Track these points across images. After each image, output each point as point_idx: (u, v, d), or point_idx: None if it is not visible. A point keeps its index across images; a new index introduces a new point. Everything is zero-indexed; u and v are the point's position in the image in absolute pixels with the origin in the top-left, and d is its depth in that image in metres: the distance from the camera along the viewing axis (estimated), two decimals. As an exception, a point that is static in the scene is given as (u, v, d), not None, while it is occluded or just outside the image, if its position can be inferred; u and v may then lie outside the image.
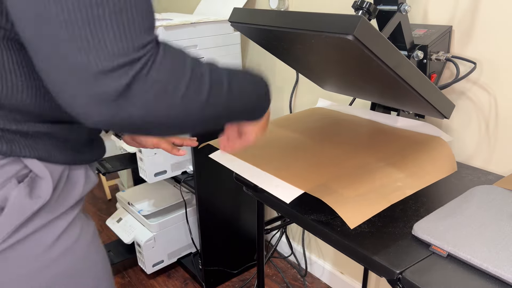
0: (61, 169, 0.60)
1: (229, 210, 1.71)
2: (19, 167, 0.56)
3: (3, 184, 0.55)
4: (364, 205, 0.77)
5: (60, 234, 0.61)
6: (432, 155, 0.92)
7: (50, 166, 0.58)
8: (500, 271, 0.61)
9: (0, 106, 0.54)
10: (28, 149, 0.56)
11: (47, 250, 0.60)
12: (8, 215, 0.55)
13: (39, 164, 0.57)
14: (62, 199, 0.61)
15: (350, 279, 1.65)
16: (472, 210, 0.76)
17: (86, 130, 0.65)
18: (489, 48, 1.02)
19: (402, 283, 0.66)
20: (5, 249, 0.56)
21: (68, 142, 0.61)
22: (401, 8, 0.93)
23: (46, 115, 0.58)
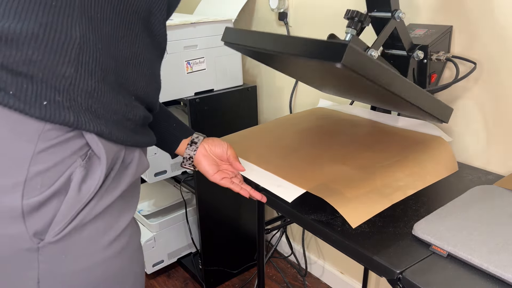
0: (117, 149, 0.59)
1: (229, 210, 1.71)
2: (82, 143, 0.55)
3: (68, 161, 0.54)
4: (365, 205, 0.77)
5: (119, 235, 0.60)
6: (433, 155, 0.92)
7: (107, 145, 0.57)
8: (501, 271, 0.61)
9: (74, 78, 0.53)
10: (92, 123, 0.54)
11: (105, 248, 0.58)
12: (70, 199, 0.54)
13: (98, 142, 0.55)
14: (116, 182, 0.59)
15: (350, 279, 1.65)
16: (472, 210, 0.76)
17: (143, 112, 0.64)
18: (490, 48, 1.02)
19: (402, 283, 0.66)
20: (65, 236, 0.54)
21: (128, 121, 0.61)
22: (395, 16, 0.93)
23: (118, 81, 0.58)
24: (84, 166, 0.55)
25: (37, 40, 0.50)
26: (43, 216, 0.53)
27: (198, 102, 1.49)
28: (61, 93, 0.52)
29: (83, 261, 0.57)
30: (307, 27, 1.51)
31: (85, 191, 0.55)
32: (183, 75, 1.45)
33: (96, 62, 0.54)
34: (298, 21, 1.53)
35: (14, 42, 0.49)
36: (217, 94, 1.54)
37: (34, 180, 0.52)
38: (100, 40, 0.54)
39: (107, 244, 0.58)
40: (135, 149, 0.63)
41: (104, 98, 0.56)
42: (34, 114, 0.51)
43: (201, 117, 1.51)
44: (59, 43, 0.51)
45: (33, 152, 0.51)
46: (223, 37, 0.95)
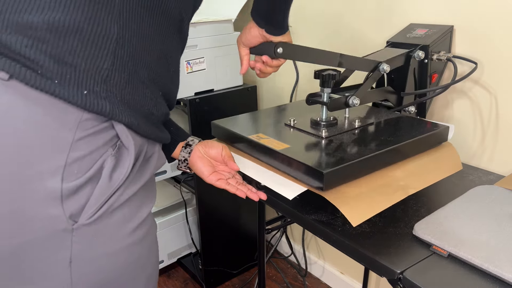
0: (141, 142, 0.63)
1: (229, 210, 1.71)
2: (112, 134, 0.59)
3: (102, 150, 0.58)
4: (366, 204, 0.77)
5: (141, 222, 0.64)
6: (435, 154, 0.92)
7: (134, 138, 0.61)
8: (501, 271, 0.61)
9: (118, 61, 0.58)
10: (125, 114, 0.59)
11: (130, 234, 0.62)
12: (102, 185, 0.58)
13: (127, 134, 0.60)
14: (140, 174, 0.64)
15: (350, 279, 1.65)
16: (473, 210, 0.76)
17: (166, 109, 0.69)
18: (490, 48, 1.01)
19: (403, 283, 0.65)
20: (96, 220, 0.58)
21: (153, 116, 0.65)
22: (379, 68, 0.97)
23: (151, 77, 0.63)
24: (115, 156, 0.59)
25: (82, 32, 0.54)
26: (79, 200, 0.57)
27: (198, 102, 1.48)
28: (99, 84, 0.57)
29: (111, 245, 0.61)
30: (307, 27, 1.51)
31: (115, 179, 0.59)
32: (183, 75, 1.44)
33: (130, 57, 0.59)
34: (298, 21, 1.53)
35: (63, 33, 0.54)
36: (217, 94, 1.54)
37: (72, 166, 0.56)
38: (135, 36, 0.59)
39: (130, 231, 0.63)
40: (155, 144, 0.68)
41: (136, 91, 0.61)
42: (76, 103, 0.54)
43: (201, 117, 1.50)
44: (100, 37, 0.56)
45: (73, 140, 0.56)
46: (212, 132, 1.06)
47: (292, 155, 0.82)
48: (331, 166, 0.76)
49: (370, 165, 0.82)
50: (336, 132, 0.93)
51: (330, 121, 0.97)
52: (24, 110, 0.54)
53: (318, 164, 0.78)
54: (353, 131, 0.94)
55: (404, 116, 1.04)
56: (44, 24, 0.53)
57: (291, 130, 0.97)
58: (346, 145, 0.86)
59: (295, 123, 0.99)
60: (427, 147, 0.92)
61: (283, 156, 0.83)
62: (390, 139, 0.88)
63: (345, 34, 1.38)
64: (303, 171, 0.79)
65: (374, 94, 1.02)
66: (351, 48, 1.37)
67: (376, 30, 1.26)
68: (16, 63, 0.53)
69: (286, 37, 0.85)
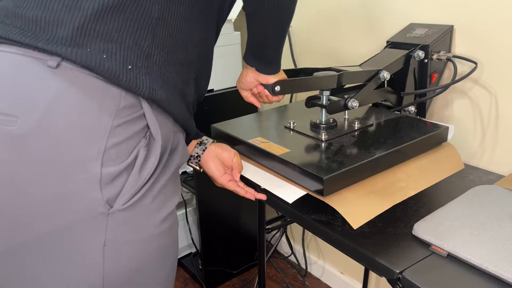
0: (168, 131, 0.66)
1: (229, 210, 1.71)
2: (143, 123, 0.63)
3: (137, 138, 0.62)
4: (366, 206, 0.77)
5: (169, 214, 0.67)
6: (435, 154, 0.92)
7: (162, 126, 0.64)
8: (500, 271, 0.61)
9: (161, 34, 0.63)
10: (161, 90, 0.63)
11: (159, 224, 0.65)
12: (135, 173, 0.61)
13: (155, 122, 0.63)
14: (166, 166, 0.67)
15: (350, 279, 1.65)
16: (472, 210, 0.76)
17: (195, 95, 0.74)
18: (490, 47, 1.01)
19: (402, 283, 0.65)
20: (129, 207, 0.61)
21: (184, 97, 0.69)
22: (379, 75, 0.99)
23: (188, 58, 0.68)
24: (146, 147, 0.63)
25: (126, 11, 0.59)
26: (115, 186, 0.60)
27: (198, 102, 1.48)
28: (141, 59, 0.61)
29: (142, 232, 0.63)
30: (307, 27, 1.51)
31: (146, 169, 0.63)
32: (183, 75, 1.45)
33: (169, 36, 0.63)
34: (298, 21, 1.53)
35: (111, 12, 0.59)
36: (217, 94, 1.54)
37: (110, 151, 0.59)
38: (174, 18, 0.63)
39: (160, 220, 0.65)
40: (180, 134, 0.71)
41: (174, 70, 0.65)
42: (120, 77, 0.59)
43: (201, 117, 1.50)
44: (142, 16, 0.60)
45: (111, 126, 0.59)
46: (212, 135, 1.07)
47: (292, 160, 0.82)
48: (331, 171, 0.77)
49: (370, 169, 0.82)
50: (336, 134, 0.93)
51: (330, 124, 0.97)
52: (71, 96, 0.57)
53: (318, 169, 0.78)
54: (352, 133, 0.94)
55: (404, 116, 1.04)
56: (97, 6, 0.58)
57: (291, 133, 0.97)
58: (346, 148, 0.86)
59: (295, 125, 0.99)
60: (427, 147, 0.93)
61: (283, 161, 0.83)
62: (390, 141, 0.88)
63: (345, 34, 1.38)
64: (303, 176, 0.79)
65: (374, 95, 1.02)
66: (351, 48, 1.37)
67: (376, 30, 1.26)
68: (67, 47, 0.57)
69: (280, 77, 0.85)
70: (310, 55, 1.53)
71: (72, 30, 0.58)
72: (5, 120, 0.57)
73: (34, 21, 0.58)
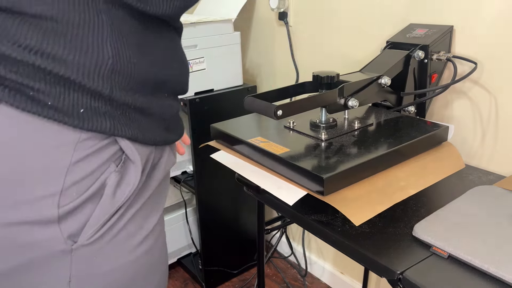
0: (149, 151, 0.59)
1: (229, 210, 1.71)
2: (116, 148, 0.55)
3: (103, 167, 0.55)
4: (367, 205, 0.77)
5: (148, 234, 0.61)
6: (435, 154, 0.92)
7: (140, 149, 0.57)
8: (501, 272, 0.61)
9: (116, 77, 0.53)
10: (127, 128, 0.55)
11: (135, 248, 0.59)
12: (104, 202, 0.55)
13: (131, 147, 0.56)
14: (146, 183, 0.60)
15: (350, 279, 1.65)
16: (473, 211, 0.76)
17: (176, 105, 0.64)
18: (490, 48, 1.01)
19: (403, 284, 0.65)
20: (98, 239, 0.55)
21: (163, 121, 0.61)
22: (380, 82, 0.99)
23: (154, 83, 0.58)
24: (119, 171, 0.56)
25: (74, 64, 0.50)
26: (78, 220, 0.54)
27: (198, 102, 1.48)
28: (97, 99, 0.52)
29: (114, 261, 0.58)
30: (307, 27, 1.50)
31: (119, 196, 0.56)
32: (183, 75, 1.44)
33: (130, 78, 0.54)
34: (298, 21, 1.53)
35: (57, 58, 0.50)
36: (217, 94, 1.53)
37: (70, 190, 0.53)
38: (132, 52, 0.54)
39: (137, 244, 0.59)
40: (165, 146, 0.64)
41: (140, 105, 0.56)
42: (73, 123, 0.51)
43: (201, 117, 1.50)
44: (92, 62, 0.51)
45: (70, 163, 0.52)
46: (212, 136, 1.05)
47: (291, 160, 0.82)
48: (331, 170, 0.76)
49: (370, 168, 0.82)
50: (336, 134, 0.93)
51: (330, 123, 0.96)
52: (16, 135, 0.51)
53: (318, 169, 0.77)
54: (352, 132, 0.94)
55: (404, 116, 1.04)
56: None
57: (291, 132, 0.97)
58: (346, 148, 0.86)
59: (295, 125, 0.99)
60: (427, 147, 0.92)
61: (283, 160, 0.83)
62: (390, 141, 0.88)
63: (345, 34, 1.38)
64: (303, 176, 0.79)
65: (374, 95, 1.02)
66: (351, 48, 1.37)
67: (376, 30, 1.26)
68: (5, 87, 0.49)
69: None
70: (310, 56, 1.53)
71: None
72: None
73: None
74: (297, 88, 0.97)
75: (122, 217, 0.57)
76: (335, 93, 0.91)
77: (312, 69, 1.53)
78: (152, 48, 0.58)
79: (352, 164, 0.79)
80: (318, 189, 0.76)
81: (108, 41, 0.52)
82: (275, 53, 1.67)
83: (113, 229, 0.57)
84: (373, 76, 0.98)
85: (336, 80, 0.93)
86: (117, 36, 0.52)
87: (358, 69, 1.05)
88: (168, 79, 0.61)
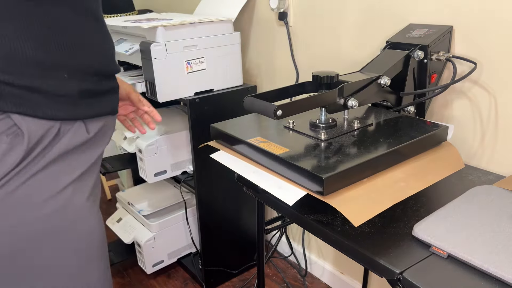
0: (49, 125, 0.65)
1: (229, 210, 1.71)
2: (10, 123, 0.62)
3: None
4: (367, 205, 0.77)
5: (53, 195, 0.67)
6: (435, 154, 0.92)
7: (34, 123, 0.63)
8: (501, 272, 0.61)
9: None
10: (14, 105, 0.62)
11: (36, 206, 0.65)
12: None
13: (22, 122, 0.62)
14: (44, 154, 0.66)
15: (350, 279, 1.65)
16: (472, 211, 0.76)
17: (83, 85, 0.68)
18: (490, 48, 1.01)
19: (403, 284, 0.65)
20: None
21: (60, 97, 0.66)
22: (380, 82, 0.99)
23: (38, 64, 0.63)
24: (9, 142, 0.62)
25: None
26: None
27: (198, 102, 1.48)
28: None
29: (13, 218, 0.64)
30: (307, 27, 1.51)
31: (7, 162, 0.62)
32: (183, 75, 1.45)
33: (8, 59, 0.60)
34: (298, 21, 1.53)
35: None
36: (217, 94, 1.54)
37: None
38: (12, 36, 0.60)
39: (40, 202, 0.66)
40: (73, 121, 0.69)
41: (26, 84, 0.62)
42: None
43: (201, 117, 1.50)
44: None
45: None
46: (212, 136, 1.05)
47: (291, 160, 0.82)
48: (331, 170, 0.77)
49: (370, 168, 0.82)
50: (335, 134, 0.93)
51: (329, 123, 0.97)
52: None
53: (318, 169, 0.78)
54: (352, 132, 0.94)
55: (404, 116, 1.04)
56: None
57: (290, 132, 0.97)
58: (346, 148, 0.86)
59: (294, 125, 0.99)
60: (427, 147, 0.92)
61: (282, 160, 0.83)
62: (389, 141, 0.88)
63: (345, 34, 1.38)
64: (303, 176, 0.79)
65: (373, 95, 1.02)
66: (350, 48, 1.37)
67: (376, 30, 1.26)
68: None
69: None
70: (310, 56, 1.53)
71: None
72: None
73: None
74: (297, 88, 0.97)
75: (15, 179, 0.63)
76: (334, 93, 0.91)
77: (312, 69, 1.53)
78: (40, 30, 0.62)
79: (351, 164, 0.79)
80: (318, 189, 0.76)
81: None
82: (275, 53, 1.67)
83: (7, 190, 0.63)
84: (373, 76, 0.98)
85: (336, 80, 0.93)
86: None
87: (357, 69, 1.05)
88: (63, 62, 0.65)
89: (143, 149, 1.53)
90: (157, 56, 1.37)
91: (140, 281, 1.82)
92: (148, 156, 1.55)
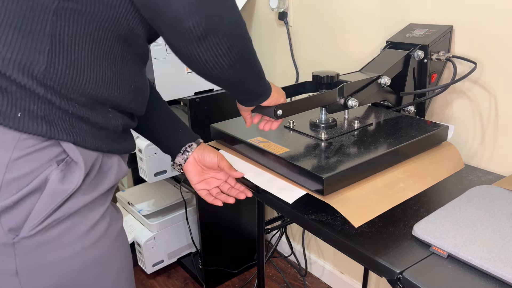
0: (95, 156, 0.63)
1: (229, 210, 1.71)
2: (59, 150, 0.59)
3: (45, 165, 0.58)
4: (367, 205, 0.77)
5: (93, 224, 0.64)
6: (435, 154, 0.92)
7: (84, 152, 0.61)
8: (501, 272, 0.61)
9: (51, 83, 0.57)
10: (65, 133, 0.58)
11: (80, 238, 0.63)
12: (45, 198, 0.58)
13: (75, 149, 0.59)
14: (93, 186, 0.64)
15: (350, 279, 1.65)
16: (472, 211, 0.76)
17: (122, 121, 0.68)
18: (490, 48, 1.01)
19: (403, 283, 0.65)
20: (40, 231, 0.59)
21: (104, 130, 0.64)
22: (380, 82, 0.99)
23: (93, 98, 0.61)
24: (62, 169, 0.59)
25: (10, 61, 0.54)
26: (18, 214, 0.57)
27: (198, 102, 1.48)
28: (36, 103, 0.56)
29: (60, 252, 0.61)
30: (307, 27, 1.51)
31: (62, 192, 0.59)
32: (183, 75, 1.45)
33: (64, 87, 0.58)
34: (298, 21, 1.53)
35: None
36: (217, 94, 1.54)
37: (9, 186, 0.56)
38: (65, 64, 0.57)
39: (81, 236, 0.63)
40: (114, 155, 0.68)
41: (78, 113, 0.60)
42: (10, 126, 0.55)
43: (201, 117, 1.50)
44: (27, 62, 0.55)
45: (9, 160, 0.56)
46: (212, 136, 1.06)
47: (291, 160, 0.82)
48: (331, 170, 0.77)
49: (370, 168, 0.82)
50: (336, 134, 0.93)
51: (329, 123, 0.97)
52: None
53: (318, 169, 0.78)
54: (352, 132, 0.94)
55: (404, 116, 1.04)
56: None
57: (291, 132, 0.97)
58: (346, 148, 0.86)
59: (295, 125, 0.99)
60: (427, 147, 0.93)
61: (282, 160, 0.83)
62: (390, 141, 0.88)
63: (345, 34, 1.38)
64: (303, 176, 0.79)
65: (373, 95, 1.02)
66: (351, 48, 1.37)
67: (376, 29, 1.26)
68: None
69: (272, 98, 0.81)
70: (310, 56, 1.53)
71: None
72: None
73: None
74: (297, 88, 0.97)
75: (65, 211, 0.60)
76: (335, 93, 0.91)
77: (312, 69, 1.53)
78: (96, 67, 0.61)
79: (351, 164, 0.79)
80: (318, 189, 0.76)
81: (47, 49, 0.55)
82: (275, 53, 1.67)
83: (57, 222, 0.60)
84: (373, 76, 0.98)
85: (336, 80, 0.93)
86: (58, 46, 0.56)
87: (358, 69, 1.05)
88: (111, 99, 0.64)
89: (143, 149, 1.53)
90: (157, 56, 1.37)
91: (140, 281, 1.82)
92: (148, 156, 1.55)
